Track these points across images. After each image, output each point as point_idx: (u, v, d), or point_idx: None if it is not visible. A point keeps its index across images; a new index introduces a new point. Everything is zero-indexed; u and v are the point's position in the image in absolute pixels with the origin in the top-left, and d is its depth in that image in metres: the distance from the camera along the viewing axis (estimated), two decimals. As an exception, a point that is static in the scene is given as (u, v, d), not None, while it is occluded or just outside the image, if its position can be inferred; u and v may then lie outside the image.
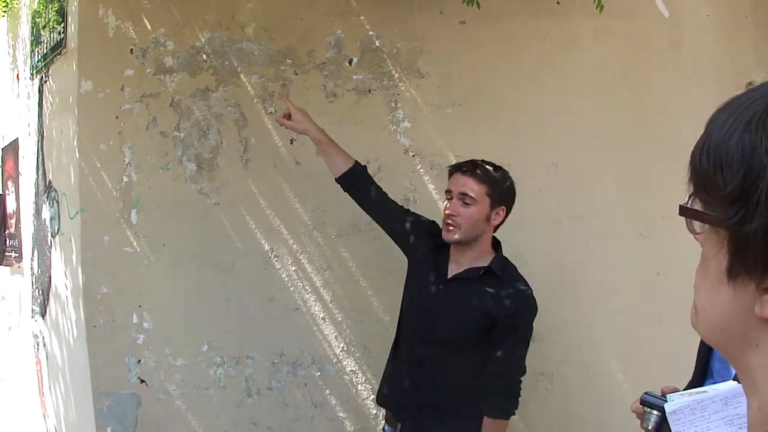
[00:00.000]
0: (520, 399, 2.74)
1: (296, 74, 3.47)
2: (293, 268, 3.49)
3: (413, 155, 3.48)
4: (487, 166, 2.72)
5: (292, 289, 3.50)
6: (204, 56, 3.43)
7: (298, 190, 3.47)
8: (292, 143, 3.47)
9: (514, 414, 2.72)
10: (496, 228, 2.77)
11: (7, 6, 4.71)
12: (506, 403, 2.68)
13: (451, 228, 2.69)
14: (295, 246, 3.48)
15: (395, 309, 3.42)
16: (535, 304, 2.72)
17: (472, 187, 2.66)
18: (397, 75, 3.54)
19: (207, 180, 3.43)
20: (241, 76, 3.45)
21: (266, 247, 3.47)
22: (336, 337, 3.53)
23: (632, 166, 3.54)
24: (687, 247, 3.43)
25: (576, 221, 3.59)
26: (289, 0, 3.52)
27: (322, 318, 3.52)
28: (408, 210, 3.01)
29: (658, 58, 3.60)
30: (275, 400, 3.51)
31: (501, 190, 2.71)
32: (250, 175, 3.43)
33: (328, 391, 3.54)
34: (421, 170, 3.48)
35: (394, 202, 3.00)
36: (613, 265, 3.55)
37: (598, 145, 3.54)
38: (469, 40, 3.54)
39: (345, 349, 3.54)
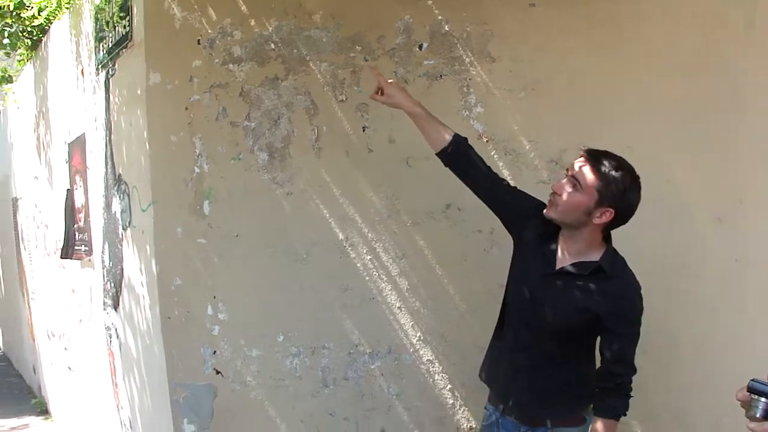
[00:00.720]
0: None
1: (366, 60, 3.39)
2: (368, 257, 3.44)
3: (486, 141, 3.39)
4: (613, 164, 2.55)
5: (367, 278, 3.45)
6: (272, 45, 3.37)
7: (371, 178, 3.40)
8: (364, 131, 3.41)
9: (625, 415, 2.63)
10: (605, 229, 2.63)
11: (69, 2, 4.71)
12: (617, 402, 2.60)
13: (550, 202, 2.62)
14: (369, 235, 3.43)
15: (472, 296, 3.41)
16: (641, 300, 2.62)
17: (585, 174, 2.54)
18: (468, 59, 3.44)
19: (279, 169, 3.38)
20: (310, 64, 3.39)
21: (340, 236, 3.43)
22: (413, 326, 3.48)
23: (708, 149, 3.42)
24: (766, 232, 3.33)
25: (652, 205, 3.48)
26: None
27: (399, 307, 3.47)
28: (515, 187, 2.86)
29: (732, 38, 3.46)
30: (351, 390, 3.48)
31: (613, 192, 2.53)
32: (322, 164, 3.37)
33: (405, 381, 3.50)
34: (495, 156, 3.38)
35: (499, 176, 2.88)
36: (689, 250, 3.44)
37: (673, 127, 3.42)
38: (540, 22, 3.43)
39: (422, 338, 3.49)
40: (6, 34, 6.16)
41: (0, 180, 9.50)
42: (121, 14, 3.68)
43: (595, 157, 2.57)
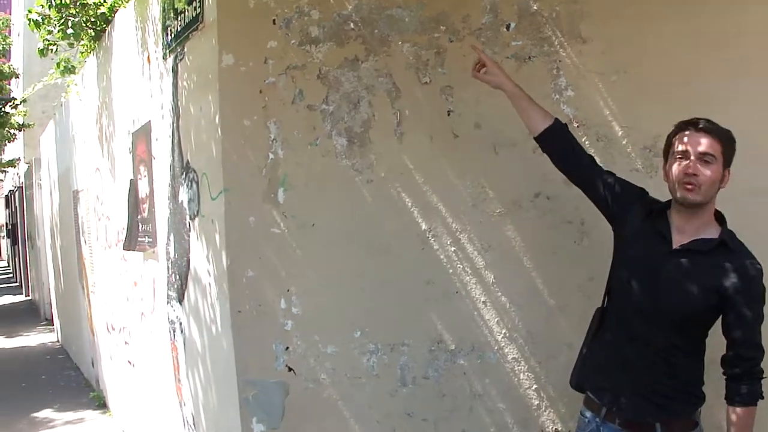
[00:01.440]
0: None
1: (451, 42, 3.23)
2: (452, 249, 3.26)
3: (578, 126, 3.20)
4: (714, 124, 2.48)
5: (451, 271, 3.27)
6: (351, 25, 3.21)
7: (456, 164, 3.24)
8: (449, 115, 3.24)
9: (762, 398, 2.44)
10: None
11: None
12: (753, 387, 2.41)
13: (691, 187, 2.42)
14: (454, 225, 3.25)
15: (561, 291, 3.24)
16: (763, 278, 2.46)
17: (711, 144, 2.42)
18: (557, 40, 3.27)
19: (359, 155, 3.22)
20: (392, 44, 3.22)
21: (423, 226, 3.25)
22: (498, 322, 3.29)
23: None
24: None
25: (755, 196, 3.23)
26: (438, -39, 3.27)
27: (483, 302, 3.28)
28: (614, 174, 2.73)
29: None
30: (432, 389, 3.29)
31: (731, 150, 2.48)
32: (404, 150, 3.22)
33: (488, 380, 3.31)
34: (586, 142, 3.19)
35: (598, 164, 2.79)
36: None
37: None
38: (633, 1, 3.25)
39: (507, 335, 3.30)
40: (70, 24, 6.07)
41: (61, 172, 9.56)
42: (192, -6, 3.54)
43: (705, 126, 2.46)
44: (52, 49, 6.48)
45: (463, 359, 3.30)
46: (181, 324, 4.10)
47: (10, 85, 17.17)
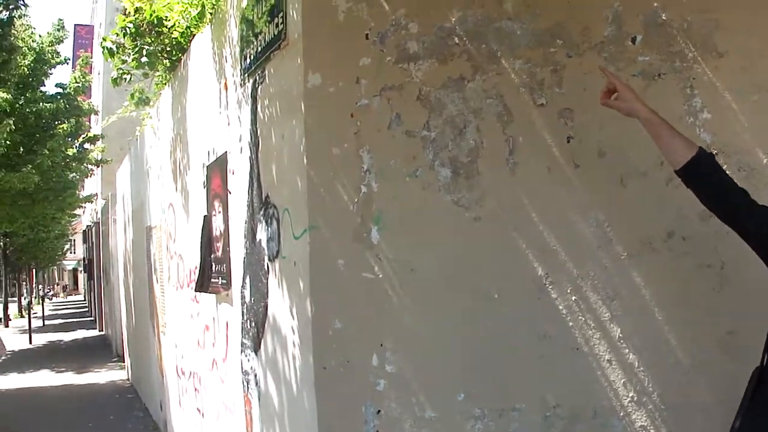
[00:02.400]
0: None
1: (569, 57, 2.89)
2: (573, 298, 2.85)
3: (716, 153, 2.81)
4: None
5: (571, 323, 2.86)
6: (455, 39, 2.86)
7: (577, 199, 2.87)
8: (568, 142, 2.85)
9: None
10: None
11: (213, 9, 4.32)
12: None
13: None
14: (574, 270, 2.85)
15: (698, 348, 2.92)
16: None
17: None
18: (690, 55, 2.94)
19: (465, 189, 2.84)
20: (502, 61, 2.87)
21: (539, 271, 2.85)
22: (624, 383, 2.87)
23: None
24: None
25: None
26: (553, -33, 2.89)
27: (608, 360, 2.86)
28: (764, 206, 2.39)
29: None
30: (547, 462, 2.84)
31: None
32: (518, 183, 2.85)
33: (613, 453, 2.84)
34: (727, 172, 2.72)
35: (750, 197, 2.41)
36: None
37: None
38: (776, 9, 2.92)
39: (635, 399, 2.88)
40: (144, 53, 5.87)
41: (135, 208, 9.46)
42: (274, 10, 3.21)
43: None
44: (125, 79, 6.28)
45: (583, 426, 2.86)
46: (256, 376, 3.72)
47: (89, 121, 17.46)
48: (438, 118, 2.83)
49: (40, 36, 15.62)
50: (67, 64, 16.70)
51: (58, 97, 15.54)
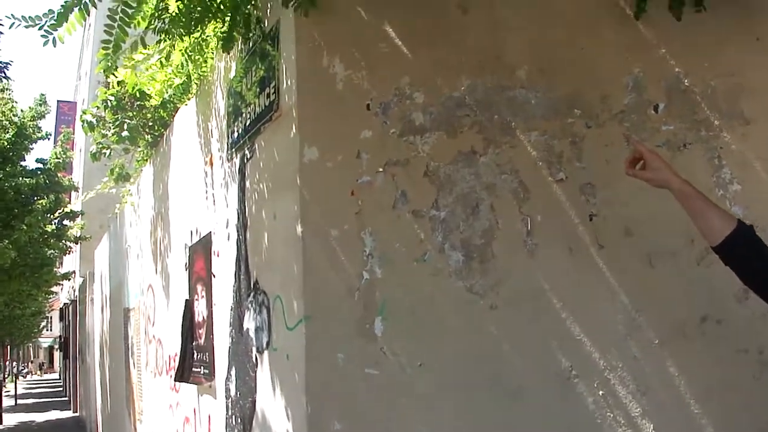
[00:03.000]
0: None
1: (588, 128, 2.68)
2: (600, 392, 2.58)
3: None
4: None
5: (599, 420, 2.57)
6: (465, 110, 2.64)
7: (602, 283, 2.63)
8: (591, 220, 2.62)
9: None
10: None
11: (198, 81, 4.09)
12: None
13: None
14: (601, 361, 2.59)
15: None
16: None
17: None
18: (716, 122, 2.78)
19: (479, 274, 2.57)
20: (517, 133, 2.65)
21: (564, 363, 2.58)
22: (660, 487, 2.54)
23: None
24: None
25: None
26: (567, 32, 2.72)
27: (642, 462, 2.54)
28: None
29: None
30: None
31: None
32: (537, 266, 2.60)
33: None
34: None
35: None
36: None
37: None
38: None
39: (673, 504, 2.54)
40: (126, 127, 5.63)
41: (113, 288, 9.13)
42: (264, 82, 2.99)
43: None
44: (105, 153, 6.03)
45: None
46: (242, 478, 3.36)
47: (69, 198, 17.23)
48: (448, 196, 2.59)
49: (21, 110, 15.45)
50: (49, 139, 16.50)
51: (38, 172, 15.29)
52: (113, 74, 3.95)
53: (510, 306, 2.57)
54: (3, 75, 12.49)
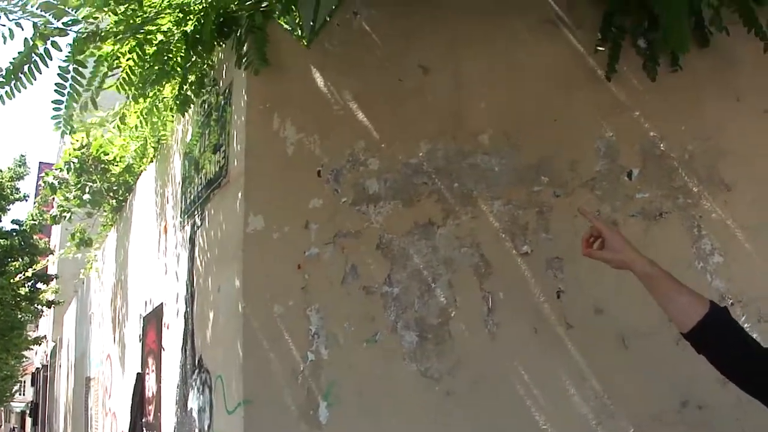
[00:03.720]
0: None
1: (557, 197, 2.50)
2: None
3: (732, 303, 2.49)
4: None
5: None
6: (423, 177, 2.46)
7: (571, 367, 2.40)
8: (558, 297, 2.41)
9: None
10: None
11: (157, 145, 3.91)
12: None
13: None
14: None
15: None
16: None
17: None
18: (695, 189, 2.60)
19: (435, 357, 2.35)
20: (479, 202, 2.47)
21: None
22: None
23: None
24: None
25: None
26: (534, 94, 2.53)
27: None
28: None
29: None
30: None
31: None
32: (499, 348, 2.38)
33: None
34: (746, 324, 2.43)
35: None
36: None
37: None
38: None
39: None
40: (88, 190, 5.41)
41: (77, 355, 8.87)
42: (217, 145, 2.81)
43: None
44: (65, 217, 5.81)
45: None
46: None
47: (46, 260, 16.94)
48: (402, 271, 2.39)
49: (0, 171, 15.28)
50: (26, 200, 16.26)
51: (14, 233, 15.03)
52: (69, 135, 3.78)
53: (469, 392, 2.33)
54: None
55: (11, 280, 13.69)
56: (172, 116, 3.50)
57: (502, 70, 2.56)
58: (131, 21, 2.60)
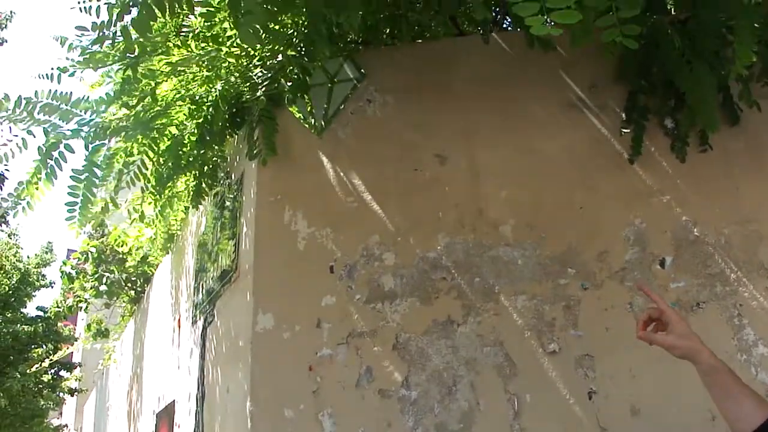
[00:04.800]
0: None
1: (585, 289, 2.34)
2: None
3: None
4: None
5: None
6: (441, 272, 2.32)
7: None
8: (590, 398, 2.24)
9: None
10: None
11: (166, 234, 3.83)
12: None
13: None
14: None
15: None
16: None
17: None
18: (734, 275, 2.41)
19: (460, 466, 2.13)
20: (501, 298, 2.30)
21: None
22: None
23: None
24: None
25: None
26: (557, 181, 2.40)
27: None
28: None
29: None
30: None
31: None
32: None
33: None
34: None
35: None
36: None
37: None
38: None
39: None
40: (105, 280, 5.32)
41: (96, 449, 8.59)
42: (229, 238, 2.70)
43: None
44: (81, 307, 5.71)
45: None
46: None
47: (69, 348, 16.88)
48: (420, 373, 2.23)
49: (28, 257, 15.38)
50: (52, 287, 16.28)
51: (38, 320, 14.99)
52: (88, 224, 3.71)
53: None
54: (4, 221, 12.43)
55: (34, 367, 13.57)
56: (186, 208, 3.42)
57: (522, 158, 2.44)
58: (143, 115, 2.53)
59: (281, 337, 2.26)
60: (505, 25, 3.09)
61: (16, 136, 2.30)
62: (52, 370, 14.86)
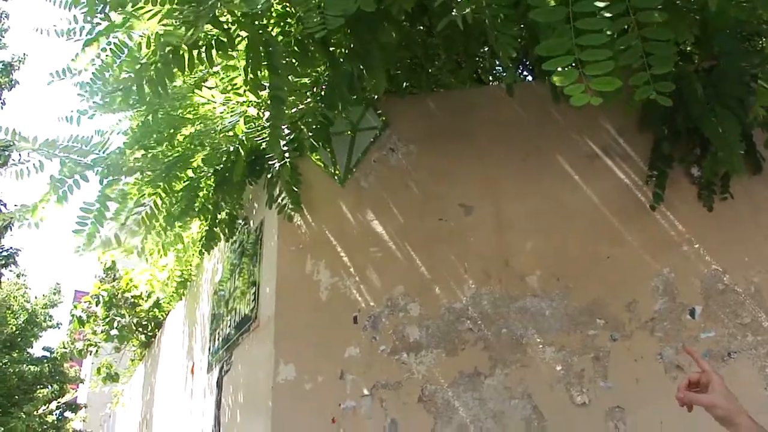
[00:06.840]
0: None
1: (614, 340, 2.29)
2: None
3: None
4: None
5: None
6: (468, 323, 2.27)
7: None
8: None
9: None
10: None
11: (181, 278, 3.80)
12: None
13: None
14: None
15: None
16: None
17: None
18: (765, 325, 2.34)
19: None
20: (529, 349, 2.25)
21: None
22: None
23: None
24: None
25: None
26: (583, 231, 2.36)
27: None
28: None
29: None
30: None
31: None
32: None
33: None
34: None
35: None
36: None
37: None
38: None
39: None
40: (116, 325, 5.29)
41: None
42: (247, 286, 2.67)
43: None
44: (91, 351, 5.67)
45: None
46: None
47: (76, 389, 16.81)
48: (447, 427, 2.18)
49: (35, 297, 15.40)
50: (59, 328, 16.25)
51: (44, 360, 14.94)
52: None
53: None
54: (13, 261, 12.46)
55: (40, 409, 13.48)
56: (201, 253, 3.40)
57: (547, 208, 2.41)
58: (161, 157, 2.51)
59: (303, 388, 2.22)
60: (525, 74, 3.08)
61: (28, 160, 2.28)
62: (57, 411, 14.78)
